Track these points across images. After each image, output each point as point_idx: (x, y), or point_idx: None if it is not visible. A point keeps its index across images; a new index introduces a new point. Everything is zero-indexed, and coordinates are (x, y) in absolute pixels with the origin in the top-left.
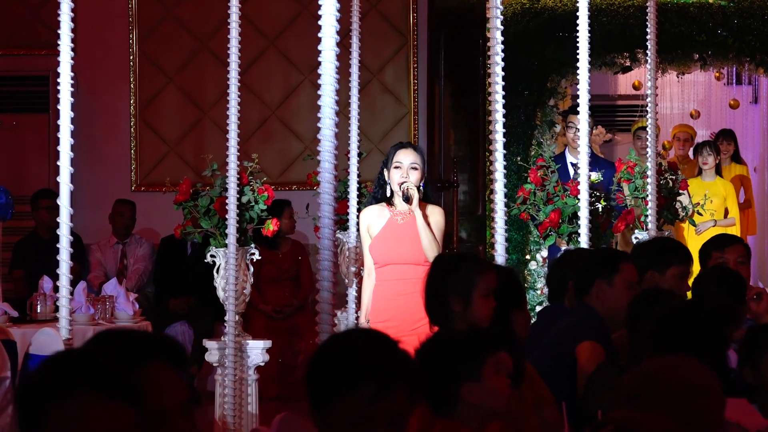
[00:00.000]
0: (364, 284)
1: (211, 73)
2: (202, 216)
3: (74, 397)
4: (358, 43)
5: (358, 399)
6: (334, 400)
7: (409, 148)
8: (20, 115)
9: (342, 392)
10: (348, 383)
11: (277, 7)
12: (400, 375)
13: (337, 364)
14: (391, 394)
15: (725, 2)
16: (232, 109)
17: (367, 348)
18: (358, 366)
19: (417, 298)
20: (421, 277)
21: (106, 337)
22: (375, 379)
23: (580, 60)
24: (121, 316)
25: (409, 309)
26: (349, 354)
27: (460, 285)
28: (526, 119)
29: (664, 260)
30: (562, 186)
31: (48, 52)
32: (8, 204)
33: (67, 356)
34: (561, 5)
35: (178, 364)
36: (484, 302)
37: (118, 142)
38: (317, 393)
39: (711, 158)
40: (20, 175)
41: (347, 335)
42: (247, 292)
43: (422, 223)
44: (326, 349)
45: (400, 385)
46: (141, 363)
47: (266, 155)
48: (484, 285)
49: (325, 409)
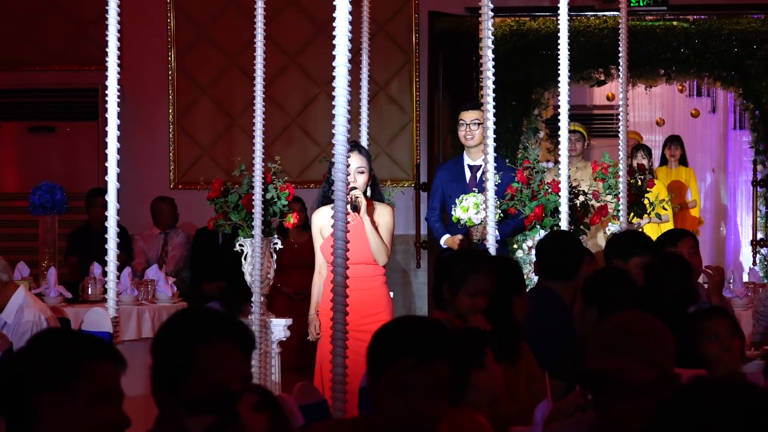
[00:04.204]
0: (315, 281)
1: (240, 86)
2: (232, 210)
3: (217, 342)
4: (368, 60)
5: (401, 368)
6: (383, 369)
7: (355, 150)
8: (73, 122)
9: (388, 362)
10: (393, 354)
11: (297, 28)
12: (440, 349)
13: (386, 339)
14: (430, 366)
15: (687, 25)
16: (258, 117)
17: (411, 325)
18: (403, 339)
19: (367, 295)
20: (371, 276)
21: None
22: (416, 351)
23: (561, 75)
24: (161, 298)
25: (360, 305)
26: (396, 330)
27: (453, 279)
28: (513, 126)
29: (629, 251)
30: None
31: (97, 68)
32: (63, 200)
33: (200, 311)
34: (544, 27)
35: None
36: (469, 299)
37: (159, 146)
38: (372, 364)
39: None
40: (73, 175)
41: (399, 318)
42: (270, 277)
43: (371, 229)
44: (381, 328)
45: (440, 359)
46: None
47: (287, 157)
48: (473, 285)
49: (377, 377)
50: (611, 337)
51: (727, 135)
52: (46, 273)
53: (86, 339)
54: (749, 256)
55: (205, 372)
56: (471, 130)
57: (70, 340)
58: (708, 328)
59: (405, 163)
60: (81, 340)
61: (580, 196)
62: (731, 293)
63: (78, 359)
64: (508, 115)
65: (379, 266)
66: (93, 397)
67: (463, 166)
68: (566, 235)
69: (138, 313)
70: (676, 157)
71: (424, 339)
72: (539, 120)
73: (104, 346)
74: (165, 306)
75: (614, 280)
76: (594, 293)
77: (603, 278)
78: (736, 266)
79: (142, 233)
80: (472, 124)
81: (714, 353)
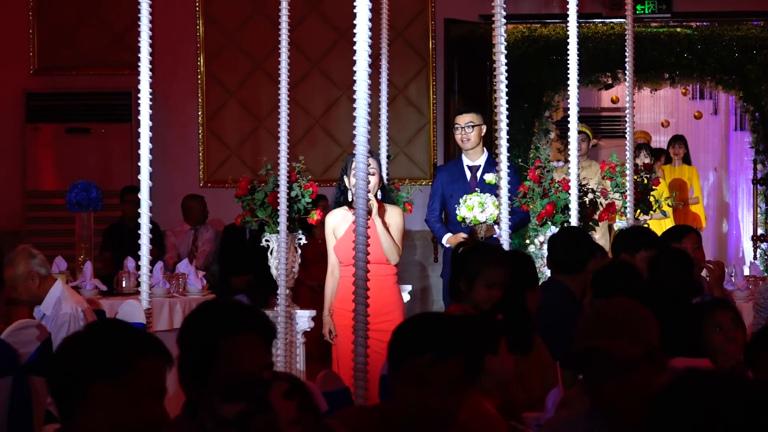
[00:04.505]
0: (327, 281)
1: (265, 90)
2: (258, 207)
3: (241, 334)
4: (387, 65)
5: (419, 362)
6: (402, 363)
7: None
8: (108, 124)
9: (407, 357)
10: (411, 349)
11: (319, 34)
12: (457, 346)
13: (405, 334)
14: (447, 361)
15: (690, 31)
16: (283, 119)
17: (429, 321)
18: (421, 335)
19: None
20: (385, 274)
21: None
22: (433, 346)
23: (570, 79)
24: (192, 290)
25: (372, 305)
26: (415, 326)
27: (469, 271)
28: (525, 128)
29: (635, 245)
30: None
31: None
32: (98, 198)
33: (224, 304)
34: (554, 34)
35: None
36: (485, 291)
37: (189, 146)
38: (391, 358)
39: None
40: (108, 174)
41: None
42: (295, 270)
43: (382, 230)
44: (401, 324)
45: (457, 355)
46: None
47: (311, 157)
48: (487, 277)
49: (397, 371)
50: (597, 320)
51: (729, 136)
52: (82, 267)
53: (139, 335)
54: (750, 250)
55: (229, 362)
56: (466, 132)
57: (124, 334)
58: (712, 320)
59: (422, 162)
60: (134, 336)
61: (589, 194)
62: (733, 286)
63: (131, 354)
64: (520, 117)
65: (391, 266)
66: (142, 390)
67: (463, 167)
68: (576, 231)
69: (170, 305)
70: (680, 156)
71: (442, 335)
72: (550, 121)
73: (155, 343)
74: (195, 298)
75: (621, 273)
76: (602, 286)
77: (610, 272)
78: (737, 260)
79: (173, 229)
80: (466, 127)
81: (718, 344)
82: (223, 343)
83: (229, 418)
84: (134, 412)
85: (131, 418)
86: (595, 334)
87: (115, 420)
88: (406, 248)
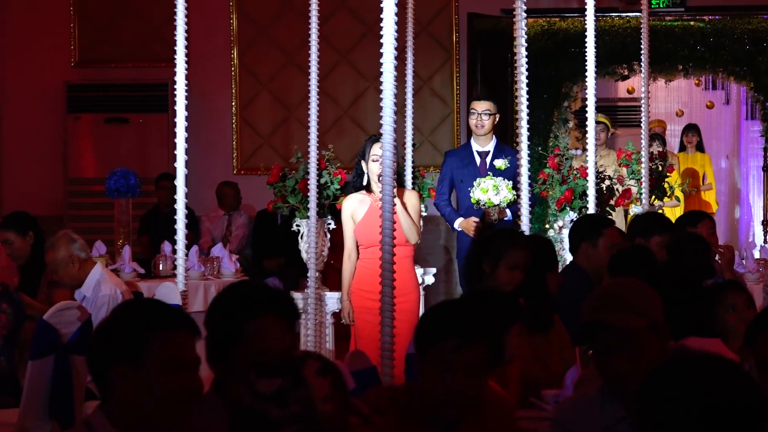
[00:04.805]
0: (345, 265)
1: (296, 81)
2: (289, 194)
3: (262, 316)
4: (412, 57)
5: (443, 349)
6: (428, 348)
7: (379, 142)
8: (145, 114)
9: (432, 342)
10: (436, 335)
11: (348, 28)
12: (479, 333)
13: (430, 321)
14: (471, 348)
15: (703, 25)
16: (312, 109)
17: (454, 309)
18: (445, 322)
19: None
20: (402, 256)
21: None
22: (457, 333)
23: (588, 70)
24: (225, 273)
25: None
26: (440, 313)
27: (493, 253)
28: (545, 117)
29: (649, 230)
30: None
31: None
32: (136, 185)
33: (248, 287)
34: (573, 27)
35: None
36: (507, 272)
37: (223, 135)
38: (418, 343)
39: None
40: (145, 162)
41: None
42: (324, 254)
43: (401, 209)
44: (427, 311)
45: (480, 342)
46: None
47: (339, 146)
48: (511, 259)
49: (423, 356)
50: (602, 297)
51: (740, 125)
52: (121, 251)
53: (156, 311)
54: (761, 234)
55: (252, 342)
56: (482, 119)
57: (138, 314)
58: (726, 301)
59: (446, 150)
60: (150, 313)
61: (606, 181)
62: (744, 269)
63: (145, 333)
64: (540, 107)
65: (408, 247)
66: (162, 367)
67: (472, 152)
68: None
69: (204, 287)
70: (693, 144)
71: (465, 322)
72: (568, 111)
73: (173, 317)
74: (229, 280)
75: (637, 256)
76: (618, 268)
77: (627, 255)
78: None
79: (208, 214)
80: (483, 114)
81: (731, 324)
82: (246, 325)
83: (266, 393)
84: (159, 390)
85: (157, 396)
86: (600, 309)
87: (144, 396)
88: (431, 232)
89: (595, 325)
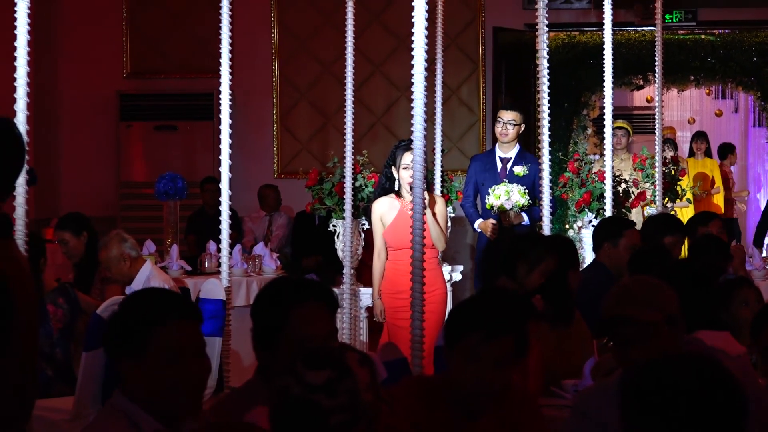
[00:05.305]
0: (375, 265)
1: (333, 91)
2: (326, 196)
3: (309, 302)
4: (442, 69)
5: (472, 341)
6: (457, 340)
7: (410, 149)
8: (192, 122)
9: (461, 334)
10: (465, 327)
11: (381, 41)
12: (507, 326)
13: (459, 313)
14: (498, 340)
15: (713, 38)
16: (348, 117)
17: (483, 302)
18: (474, 314)
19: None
20: (428, 257)
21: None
22: (485, 326)
23: (606, 80)
24: (267, 270)
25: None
26: (469, 306)
27: (532, 256)
28: (565, 125)
29: (662, 230)
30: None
31: (212, 76)
32: (183, 187)
33: (292, 279)
34: (591, 41)
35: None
36: (539, 278)
37: (264, 141)
38: (447, 335)
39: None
40: (192, 166)
41: (473, 296)
42: (359, 252)
43: (431, 219)
44: (457, 304)
45: (507, 334)
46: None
47: (373, 151)
48: (547, 266)
49: (452, 348)
50: (621, 293)
51: (748, 132)
52: (169, 249)
53: (157, 304)
54: None
55: (298, 327)
56: (507, 128)
57: (140, 309)
58: (740, 296)
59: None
60: (151, 307)
61: (622, 184)
62: (752, 266)
63: (147, 327)
64: (560, 115)
65: (434, 249)
66: (166, 359)
67: (495, 158)
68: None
69: (247, 283)
70: (702, 150)
71: (493, 316)
72: (587, 119)
73: (173, 308)
74: (269, 277)
75: (653, 254)
76: (637, 267)
77: (645, 253)
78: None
79: (250, 215)
80: (508, 123)
81: (743, 318)
82: (293, 311)
83: (316, 383)
84: (166, 378)
85: (164, 385)
86: (619, 303)
87: (152, 386)
88: (458, 233)
89: (615, 319)
